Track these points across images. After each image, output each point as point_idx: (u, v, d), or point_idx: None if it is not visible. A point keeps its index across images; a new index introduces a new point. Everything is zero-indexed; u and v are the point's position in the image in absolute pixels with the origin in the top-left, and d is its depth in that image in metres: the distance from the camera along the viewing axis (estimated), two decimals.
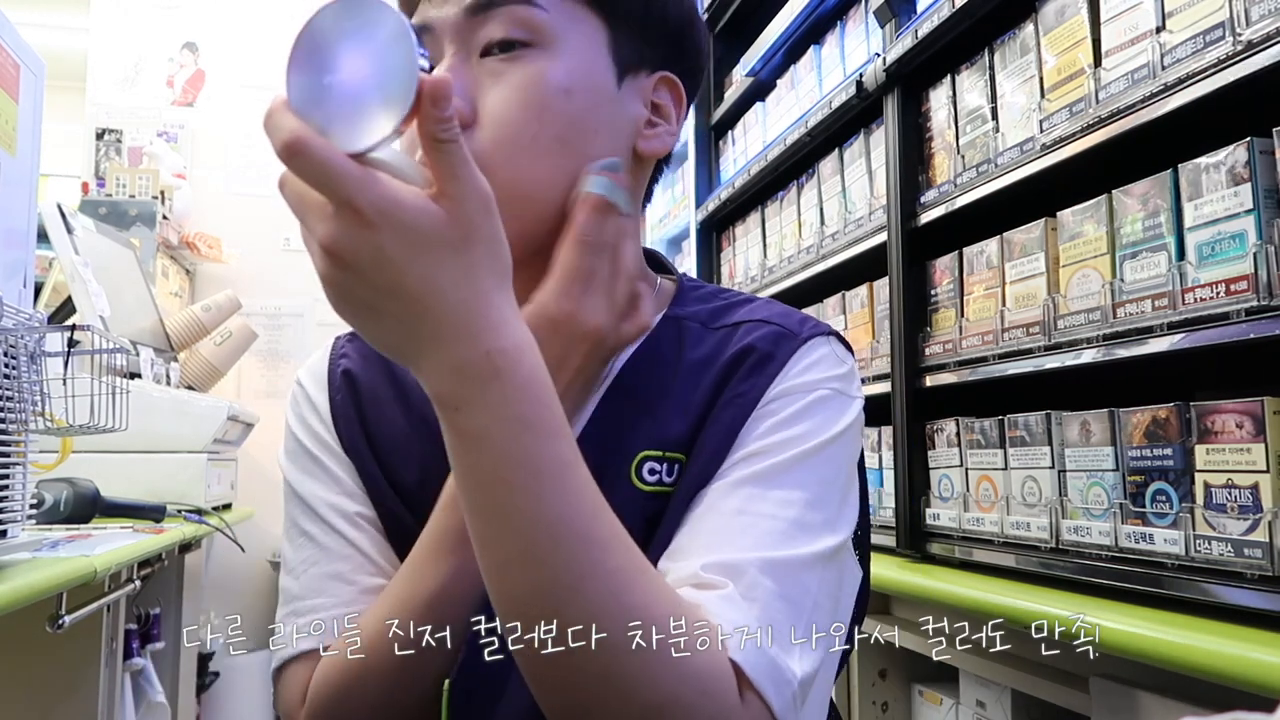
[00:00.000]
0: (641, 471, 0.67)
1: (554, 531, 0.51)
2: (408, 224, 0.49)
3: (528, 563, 0.52)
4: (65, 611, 1.22)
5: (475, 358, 0.51)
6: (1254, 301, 0.93)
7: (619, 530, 0.54)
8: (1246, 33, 0.95)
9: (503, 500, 0.52)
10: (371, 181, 0.48)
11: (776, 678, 0.55)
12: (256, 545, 3.14)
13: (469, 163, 0.50)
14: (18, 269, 1.16)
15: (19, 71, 1.17)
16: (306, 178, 0.48)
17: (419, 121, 0.49)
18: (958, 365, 1.42)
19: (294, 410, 0.76)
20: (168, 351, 2.46)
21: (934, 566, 1.43)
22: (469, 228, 0.50)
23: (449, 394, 0.51)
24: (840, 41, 1.92)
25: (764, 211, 2.25)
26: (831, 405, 0.67)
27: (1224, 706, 0.39)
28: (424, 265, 0.49)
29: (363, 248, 0.48)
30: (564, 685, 0.54)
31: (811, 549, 0.61)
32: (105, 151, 3.50)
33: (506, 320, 0.52)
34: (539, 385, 0.52)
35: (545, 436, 0.52)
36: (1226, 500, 0.96)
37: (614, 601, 0.52)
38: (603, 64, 0.69)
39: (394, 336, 0.52)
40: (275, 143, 0.48)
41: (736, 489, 0.63)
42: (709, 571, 0.58)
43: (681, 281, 0.79)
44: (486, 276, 0.51)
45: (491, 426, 0.51)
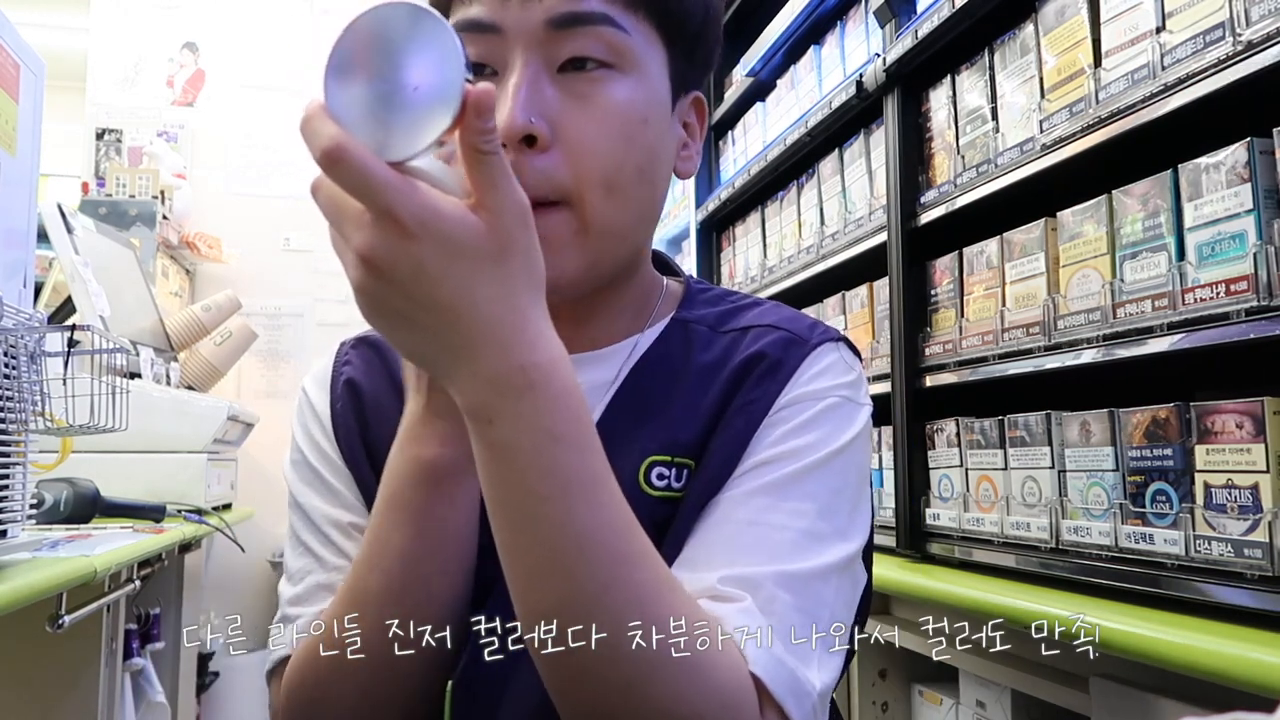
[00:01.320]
0: (650, 476, 0.67)
1: (581, 544, 0.52)
2: (447, 235, 0.48)
3: (554, 574, 0.52)
4: (65, 611, 1.22)
5: (509, 371, 0.50)
6: (1254, 301, 0.93)
7: (647, 546, 0.55)
8: (1246, 33, 0.95)
9: (532, 512, 0.52)
10: (412, 191, 0.48)
11: (796, 690, 0.56)
12: (256, 545, 3.14)
13: (509, 174, 0.50)
14: (18, 269, 1.16)
15: (19, 71, 1.17)
16: (346, 186, 0.48)
17: (461, 132, 0.48)
18: (958, 365, 1.42)
19: (299, 419, 0.77)
20: (168, 351, 2.46)
21: (934, 566, 1.43)
22: (507, 240, 0.50)
23: (481, 406, 0.51)
24: (840, 41, 1.92)
25: (764, 211, 2.25)
26: (840, 413, 0.67)
27: (1224, 706, 0.39)
28: (461, 277, 0.49)
29: (401, 258, 0.48)
30: (588, 696, 0.54)
31: (824, 560, 0.61)
32: (105, 151, 3.50)
33: (541, 334, 0.52)
34: (572, 399, 0.52)
35: (576, 450, 0.52)
36: (1226, 500, 0.96)
37: (639, 614, 0.52)
38: (665, 89, 0.69)
39: (427, 347, 0.52)
40: (314, 149, 0.47)
41: (749, 499, 0.63)
42: (726, 585, 0.59)
43: (689, 284, 0.78)
44: (523, 290, 0.51)
45: (523, 439, 0.51)
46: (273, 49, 3.61)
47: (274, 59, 3.61)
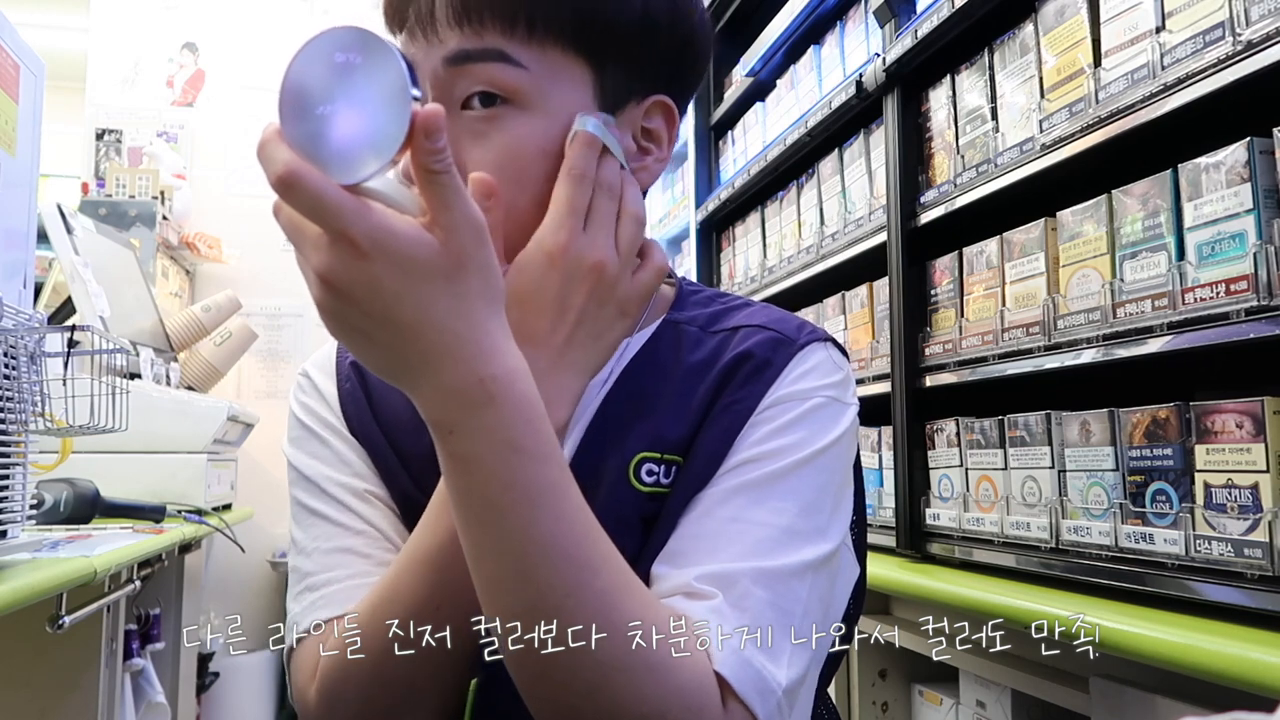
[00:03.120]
0: (640, 472, 0.67)
1: (543, 552, 0.53)
2: (402, 254, 0.49)
3: (518, 581, 0.54)
4: (65, 612, 1.22)
5: (468, 384, 0.52)
6: (1254, 301, 0.93)
7: (609, 550, 0.56)
8: (1246, 33, 0.95)
9: (494, 521, 0.53)
10: (365, 212, 0.49)
11: (761, 687, 0.57)
12: (256, 545, 3.14)
13: (462, 192, 0.51)
14: (18, 269, 1.16)
15: (19, 71, 1.17)
16: (301, 209, 0.49)
17: (412, 153, 0.49)
18: (958, 365, 1.42)
19: (298, 399, 0.76)
20: (168, 352, 2.46)
21: (934, 566, 1.43)
22: (462, 256, 0.51)
23: (442, 419, 0.53)
24: (840, 41, 1.92)
25: (764, 212, 2.25)
26: (826, 413, 0.67)
27: (1224, 706, 0.39)
28: (418, 294, 0.50)
29: (357, 278, 0.49)
30: (554, 697, 0.55)
31: (802, 557, 0.62)
32: (105, 152, 3.50)
33: (498, 346, 0.53)
34: (531, 410, 0.54)
35: (536, 461, 0.53)
36: (1226, 500, 0.96)
37: (601, 619, 0.53)
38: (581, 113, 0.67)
39: (388, 362, 0.53)
40: (269, 175, 0.48)
41: (732, 496, 0.64)
42: (701, 582, 0.60)
43: (680, 285, 0.79)
44: (479, 304, 0.52)
45: (483, 451, 0.52)
46: (273, 49, 3.61)
47: (274, 59, 3.59)
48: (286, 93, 0.49)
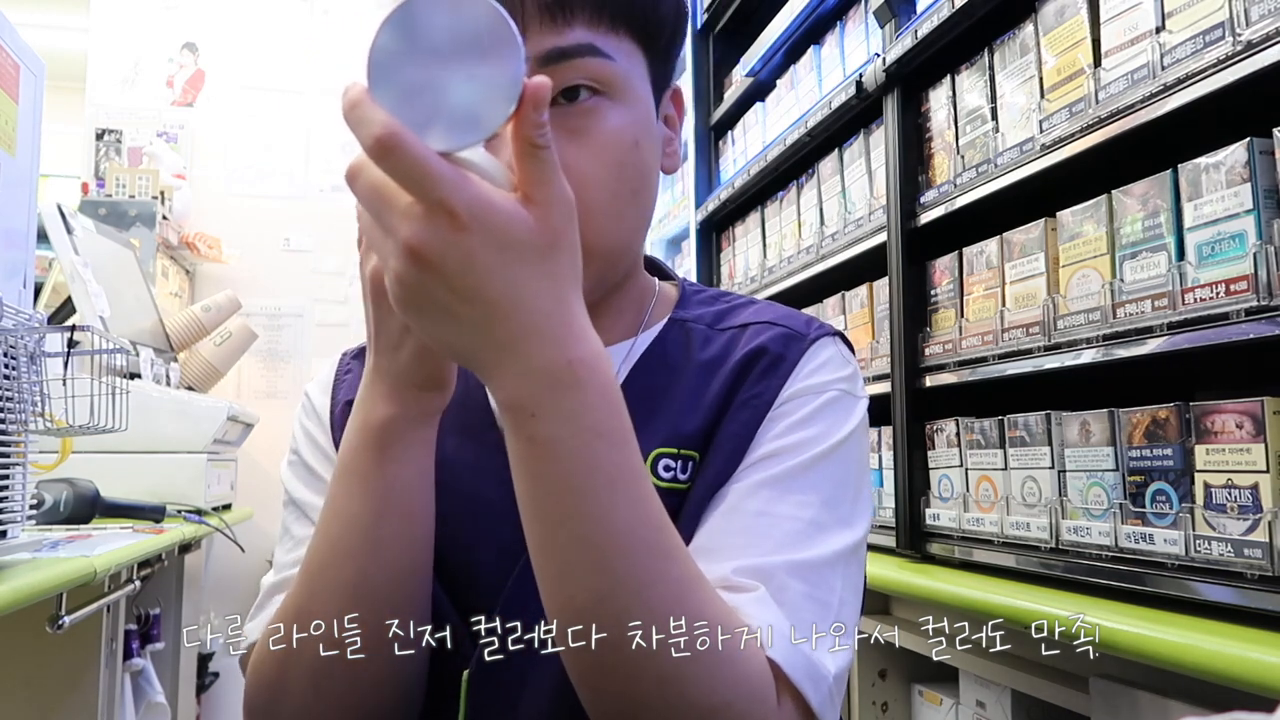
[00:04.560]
0: (657, 468, 0.68)
1: (623, 540, 0.52)
2: (500, 228, 0.48)
3: (593, 569, 0.52)
4: (65, 612, 1.22)
5: (557, 366, 0.50)
6: (1254, 301, 0.93)
7: (679, 541, 0.55)
8: (1246, 33, 0.95)
9: (572, 508, 0.52)
10: (465, 183, 0.47)
11: (814, 675, 0.57)
12: (256, 545, 3.13)
13: (558, 169, 0.50)
14: (18, 269, 1.16)
15: (19, 71, 1.17)
16: (397, 175, 0.47)
17: (516, 125, 0.48)
18: (958, 365, 1.42)
19: (299, 420, 0.78)
20: (168, 352, 2.46)
21: (934, 566, 1.43)
22: (556, 235, 0.50)
23: (525, 402, 0.51)
24: (840, 42, 1.92)
25: (764, 212, 2.24)
26: (840, 406, 0.69)
27: (1224, 706, 0.39)
28: (511, 270, 0.49)
29: (451, 250, 0.47)
30: (619, 690, 0.54)
31: (832, 548, 0.63)
32: (105, 152, 3.50)
33: (585, 330, 0.52)
34: (614, 395, 0.53)
35: (617, 447, 0.52)
36: (1226, 500, 0.96)
37: (676, 609, 0.52)
38: (650, 100, 0.69)
39: (468, 341, 0.51)
40: (363, 136, 0.46)
41: (757, 491, 0.64)
42: (740, 575, 0.59)
43: (683, 286, 0.80)
44: (568, 285, 0.51)
45: (567, 435, 0.51)
46: (272, 49, 3.61)
47: (274, 59, 3.61)
48: (379, 52, 0.46)
